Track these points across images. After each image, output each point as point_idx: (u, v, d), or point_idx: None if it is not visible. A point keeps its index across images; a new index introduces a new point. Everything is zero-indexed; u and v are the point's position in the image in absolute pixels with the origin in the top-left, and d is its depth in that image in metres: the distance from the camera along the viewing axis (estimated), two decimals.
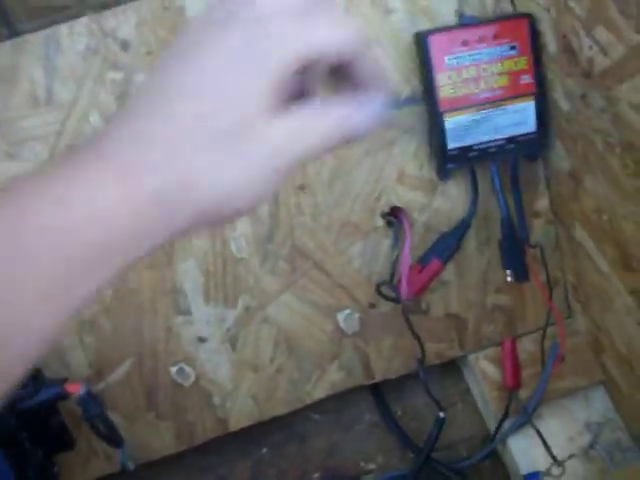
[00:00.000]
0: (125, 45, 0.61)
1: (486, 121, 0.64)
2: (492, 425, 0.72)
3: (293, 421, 0.74)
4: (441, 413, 0.69)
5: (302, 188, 0.65)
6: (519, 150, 0.65)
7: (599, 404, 0.71)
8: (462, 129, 0.64)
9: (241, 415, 0.70)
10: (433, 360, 0.71)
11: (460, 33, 0.63)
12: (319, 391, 0.70)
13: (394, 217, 0.67)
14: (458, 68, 0.63)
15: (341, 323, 0.69)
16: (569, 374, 0.70)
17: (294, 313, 0.68)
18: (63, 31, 0.60)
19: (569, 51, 0.59)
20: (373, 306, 0.69)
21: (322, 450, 0.74)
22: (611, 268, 0.63)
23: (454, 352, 0.71)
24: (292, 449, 0.74)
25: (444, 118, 0.63)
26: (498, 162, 0.66)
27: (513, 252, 0.66)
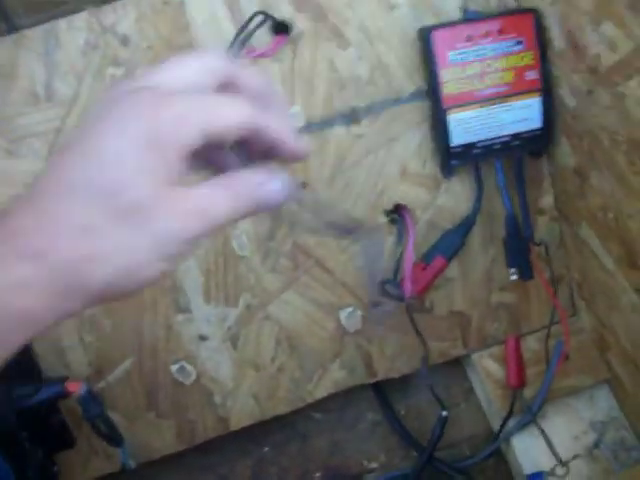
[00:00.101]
0: (125, 40, 0.60)
1: (491, 117, 0.63)
2: (496, 424, 0.72)
3: (295, 420, 0.74)
4: (444, 412, 0.68)
5: (304, 185, 0.65)
6: (524, 147, 0.65)
7: (604, 403, 0.70)
8: (466, 126, 0.63)
9: (242, 414, 0.69)
10: (436, 359, 0.70)
11: (464, 28, 0.62)
12: (321, 390, 0.70)
13: (397, 214, 0.66)
14: (462, 64, 0.62)
15: (343, 321, 0.68)
16: (574, 372, 0.70)
17: (296, 311, 0.67)
18: (62, 26, 0.59)
19: (575, 47, 0.58)
20: (376, 304, 0.68)
21: (324, 449, 0.74)
22: (617, 266, 0.62)
23: (458, 351, 0.71)
24: (294, 448, 0.74)
25: (448, 115, 0.63)
26: (502, 159, 0.65)
27: (517, 250, 0.65)
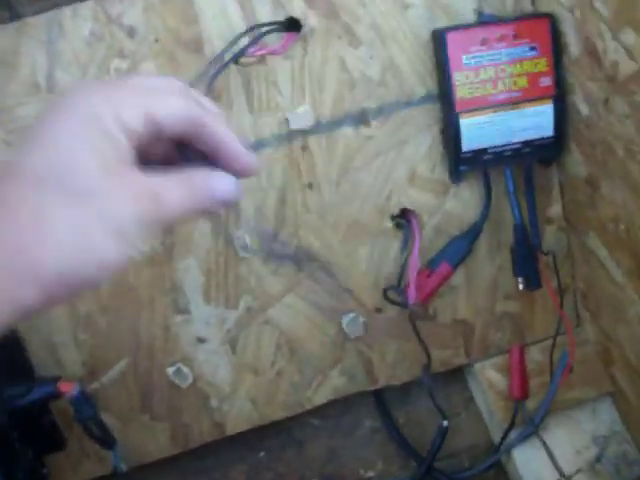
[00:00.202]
0: (131, 32, 0.58)
1: (502, 123, 0.62)
2: (496, 435, 0.71)
3: (291, 425, 0.72)
4: (445, 422, 0.67)
5: (310, 186, 0.63)
6: (535, 154, 0.63)
7: (606, 416, 0.69)
8: (478, 131, 0.62)
9: (239, 419, 0.68)
10: (438, 367, 0.69)
11: (479, 31, 0.60)
12: (320, 396, 0.68)
13: (404, 219, 0.65)
14: (476, 68, 0.61)
15: (345, 327, 0.67)
16: (577, 385, 0.69)
17: (297, 315, 0.66)
18: (66, 14, 0.57)
19: (593, 54, 0.57)
20: (379, 310, 0.67)
21: (321, 456, 0.72)
22: (626, 278, 0.61)
23: (460, 360, 0.70)
24: (290, 454, 0.72)
25: (460, 119, 0.61)
26: (513, 166, 0.64)
27: (525, 259, 0.64)
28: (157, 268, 0.63)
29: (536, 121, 0.62)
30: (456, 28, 0.61)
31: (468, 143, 0.62)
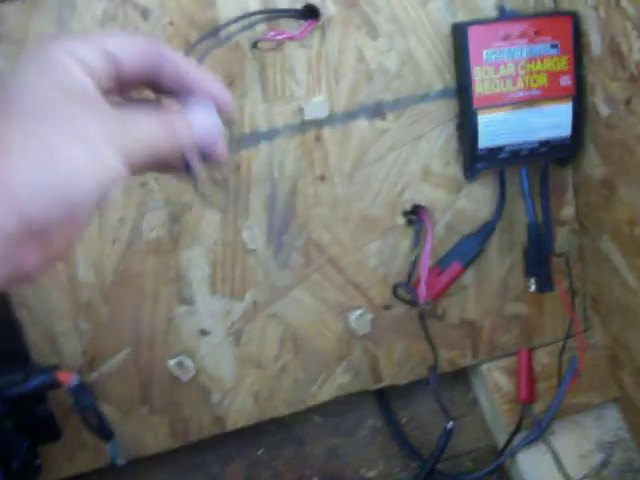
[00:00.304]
0: (145, 13, 0.56)
1: (520, 121, 0.61)
2: (500, 438, 0.70)
3: (292, 422, 0.71)
4: (450, 423, 0.66)
5: (322, 178, 0.62)
6: (551, 154, 0.62)
7: (612, 423, 0.68)
8: (495, 128, 0.60)
9: (240, 414, 0.66)
10: (445, 368, 0.68)
11: (501, 27, 0.59)
12: (324, 393, 0.67)
13: (415, 216, 0.64)
14: (496, 63, 0.59)
15: (352, 323, 0.65)
16: (584, 389, 0.68)
17: (304, 310, 0.64)
18: None
19: (616, 53, 0.56)
20: (387, 308, 0.65)
21: (321, 454, 0.71)
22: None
23: (467, 360, 0.68)
24: (290, 452, 0.71)
25: (477, 115, 0.60)
26: (528, 166, 0.63)
27: (538, 260, 0.63)
28: (162, 257, 0.61)
29: (554, 120, 0.61)
30: (478, 22, 0.60)
31: (485, 140, 0.61)
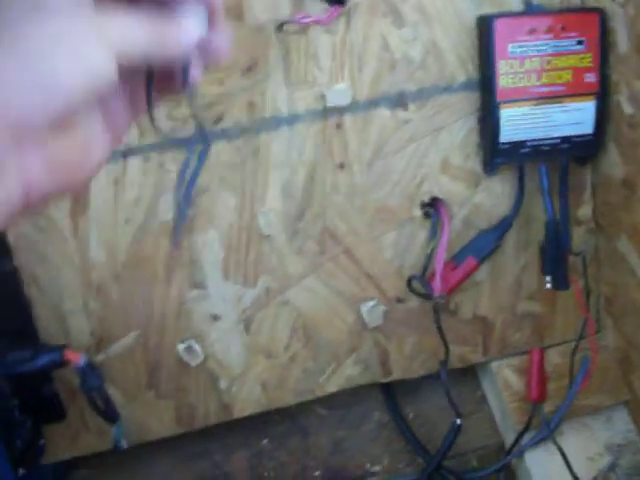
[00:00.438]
0: None
1: (543, 117, 0.60)
2: (508, 437, 0.69)
3: (297, 413, 0.70)
4: (458, 420, 0.65)
5: (341, 166, 0.61)
6: (572, 151, 0.62)
7: (621, 425, 0.68)
8: (517, 123, 0.60)
9: (247, 402, 0.65)
10: (455, 364, 0.67)
11: (527, 21, 0.59)
12: (332, 384, 0.66)
13: (433, 208, 0.63)
14: (521, 57, 0.59)
15: (364, 315, 0.65)
16: (594, 391, 0.67)
17: (316, 299, 0.64)
18: None
19: None
20: (400, 300, 0.65)
21: (325, 447, 0.70)
22: None
23: (477, 357, 0.68)
24: (294, 443, 0.70)
25: (500, 109, 0.60)
26: (548, 162, 0.62)
27: (555, 258, 0.62)
28: None
29: (577, 117, 0.61)
30: (504, 15, 0.59)
31: (506, 134, 0.60)
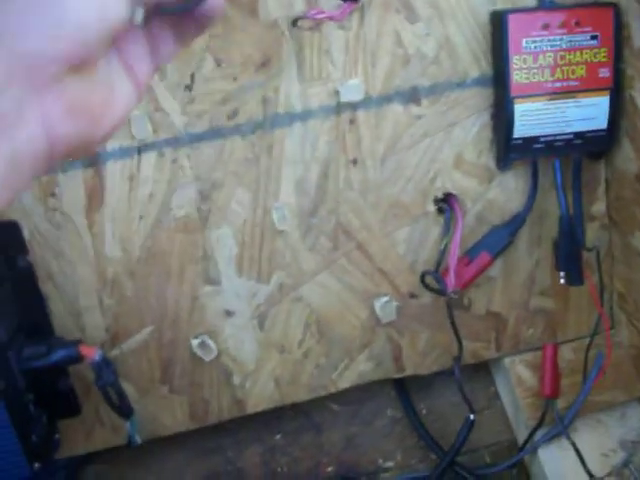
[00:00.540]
0: None
1: (557, 112, 0.60)
2: (520, 433, 0.69)
3: (310, 409, 0.70)
4: (471, 415, 0.65)
5: (354, 162, 0.61)
6: (586, 147, 0.62)
7: (635, 422, 0.68)
8: (531, 118, 0.60)
9: (260, 398, 0.66)
10: (468, 359, 0.67)
11: (541, 16, 0.59)
12: (345, 380, 0.66)
13: (446, 204, 0.63)
14: (535, 52, 0.59)
15: (377, 310, 0.65)
16: (608, 387, 0.67)
17: (329, 295, 0.64)
18: None
19: None
20: (414, 296, 0.65)
21: (338, 442, 0.71)
22: None
23: (490, 353, 0.68)
24: (307, 438, 0.70)
25: (514, 104, 0.59)
26: (562, 157, 0.62)
27: (569, 254, 0.62)
28: (190, 235, 0.61)
29: (590, 112, 0.61)
30: (518, 10, 0.59)
31: (520, 130, 0.60)
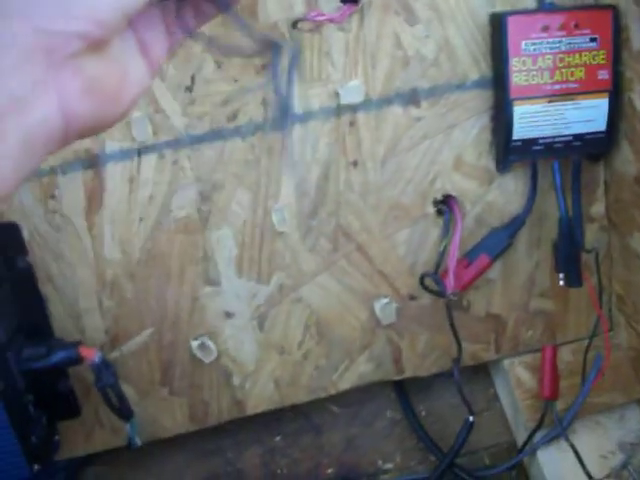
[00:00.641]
0: None
1: (556, 114, 0.60)
2: (520, 434, 0.69)
3: (310, 410, 0.70)
4: (471, 417, 0.65)
5: (354, 164, 0.61)
6: (585, 148, 0.62)
7: (634, 424, 0.68)
8: (530, 120, 0.60)
9: (260, 399, 0.66)
10: (468, 361, 0.67)
11: (541, 18, 0.59)
12: (345, 382, 0.66)
13: (446, 206, 0.63)
14: (534, 55, 0.59)
15: (377, 312, 0.65)
16: (607, 389, 0.67)
17: (329, 296, 0.64)
18: None
19: None
20: (413, 298, 0.65)
21: (338, 444, 0.71)
22: None
23: (489, 355, 0.68)
24: (307, 440, 0.70)
25: (513, 106, 0.60)
26: (561, 159, 0.62)
27: (568, 255, 0.62)
28: (190, 236, 0.61)
29: (589, 114, 0.61)
30: (517, 13, 0.59)
31: (519, 132, 0.60)
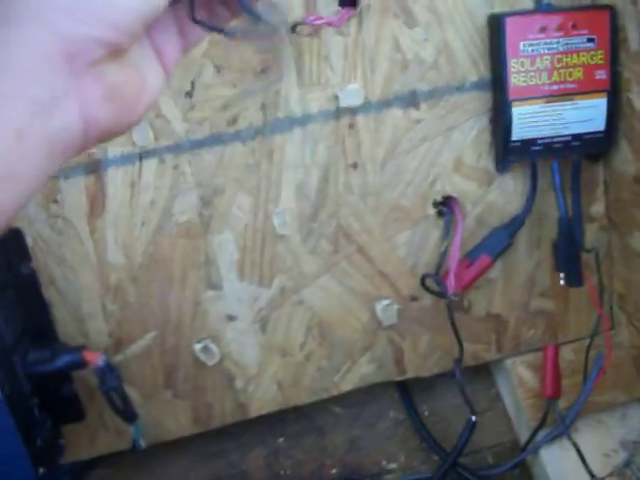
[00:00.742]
0: None
1: (554, 115, 0.61)
2: (522, 433, 0.69)
3: (313, 412, 0.71)
4: (473, 417, 0.66)
5: (354, 166, 0.62)
6: (584, 148, 0.62)
7: (636, 422, 0.68)
8: (529, 120, 0.60)
9: (263, 401, 0.66)
10: (469, 361, 0.67)
11: (539, 19, 0.59)
12: (347, 383, 0.67)
13: (446, 207, 0.64)
14: (532, 56, 0.59)
15: (378, 313, 0.65)
16: (609, 387, 0.67)
17: (331, 298, 0.64)
18: None
19: None
20: (414, 299, 0.65)
21: (341, 445, 0.71)
22: None
23: (491, 355, 0.68)
24: (310, 441, 0.71)
25: (512, 107, 0.60)
26: (560, 159, 0.63)
27: (568, 255, 0.63)
28: (192, 240, 0.61)
29: (588, 114, 0.61)
30: (515, 14, 0.59)
31: (518, 132, 0.61)
